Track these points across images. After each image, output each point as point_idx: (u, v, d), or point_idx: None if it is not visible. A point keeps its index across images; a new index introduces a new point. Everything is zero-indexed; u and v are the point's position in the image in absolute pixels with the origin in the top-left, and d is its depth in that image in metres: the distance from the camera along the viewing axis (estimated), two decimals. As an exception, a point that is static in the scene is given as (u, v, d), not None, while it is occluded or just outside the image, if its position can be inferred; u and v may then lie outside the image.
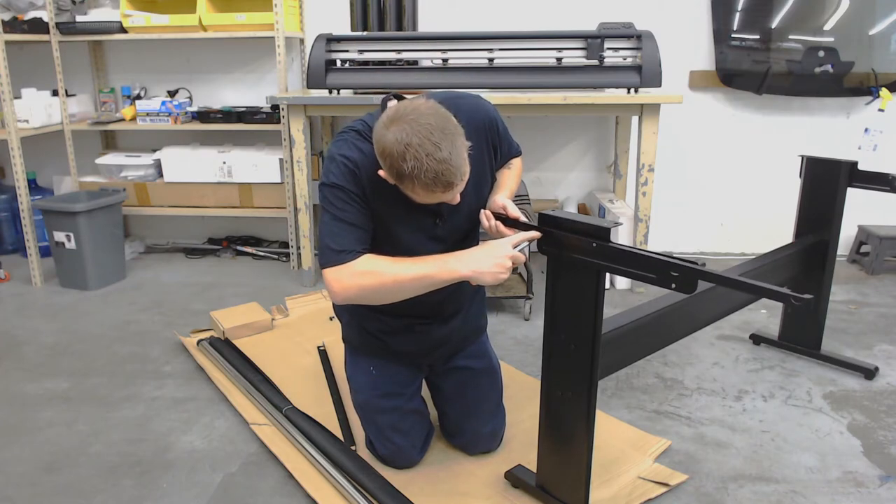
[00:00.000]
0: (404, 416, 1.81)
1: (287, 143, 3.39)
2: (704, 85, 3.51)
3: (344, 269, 1.50)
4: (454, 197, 1.48)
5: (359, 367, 1.85)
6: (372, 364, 1.83)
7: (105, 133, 3.86)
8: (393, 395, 1.80)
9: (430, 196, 1.44)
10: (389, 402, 1.80)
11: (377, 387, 1.81)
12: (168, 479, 1.80)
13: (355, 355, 1.87)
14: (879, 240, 3.37)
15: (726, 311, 1.93)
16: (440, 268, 1.48)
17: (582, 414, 1.52)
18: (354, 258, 1.51)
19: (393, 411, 1.80)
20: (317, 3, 3.59)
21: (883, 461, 1.87)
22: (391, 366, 1.82)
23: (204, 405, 2.18)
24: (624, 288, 3.24)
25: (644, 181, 3.00)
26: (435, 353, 1.84)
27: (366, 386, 1.82)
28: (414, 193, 1.45)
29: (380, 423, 1.80)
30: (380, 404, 1.80)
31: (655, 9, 3.42)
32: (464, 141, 1.42)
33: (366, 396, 1.82)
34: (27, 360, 2.52)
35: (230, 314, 2.69)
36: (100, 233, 3.26)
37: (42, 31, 3.41)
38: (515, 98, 2.91)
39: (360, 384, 1.84)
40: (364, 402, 1.83)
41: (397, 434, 1.79)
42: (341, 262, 1.50)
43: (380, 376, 1.82)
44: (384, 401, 1.80)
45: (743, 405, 2.17)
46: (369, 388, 1.81)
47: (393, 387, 1.81)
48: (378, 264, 1.50)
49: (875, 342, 2.63)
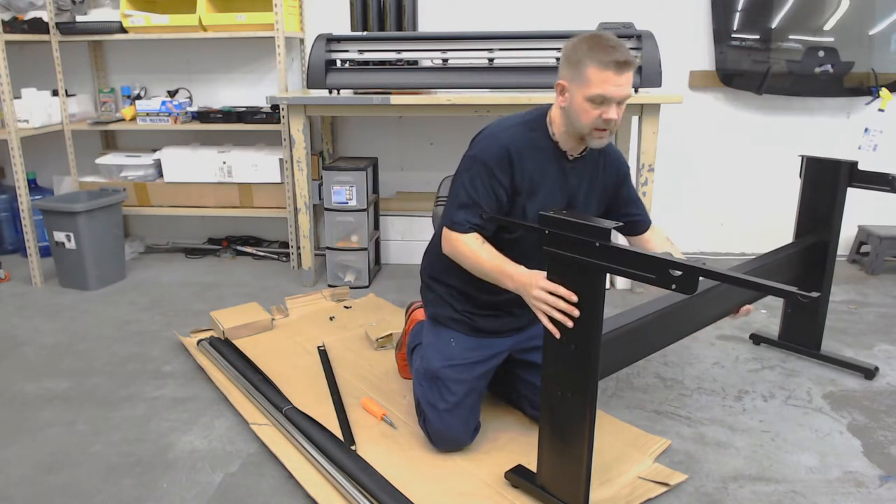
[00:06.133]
0: (468, 394, 1.87)
1: (287, 143, 3.39)
2: (704, 85, 3.51)
3: (453, 234, 1.79)
4: (623, 89, 1.63)
5: (440, 337, 1.96)
6: (453, 336, 1.94)
7: (105, 133, 3.86)
8: (465, 367, 1.88)
9: (602, 78, 1.61)
10: (458, 373, 1.87)
11: (452, 357, 1.90)
12: (168, 479, 1.80)
13: (437, 327, 1.98)
14: (879, 240, 3.37)
15: (726, 311, 1.93)
16: (502, 271, 1.70)
17: (582, 414, 1.52)
18: (465, 232, 1.77)
19: (460, 384, 1.86)
20: (317, 3, 3.59)
21: (883, 461, 1.87)
22: (472, 341, 1.93)
23: (204, 405, 2.18)
24: (624, 288, 3.24)
25: (644, 181, 3.00)
26: (518, 333, 1.96)
27: (440, 356, 1.91)
28: (589, 80, 1.63)
29: (441, 394, 1.85)
30: (449, 374, 1.87)
31: (655, 9, 3.42)
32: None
33: (438, 365, 1.89)
34: (27, 360, 2.52)
35: (230, 314, 2.69)
36: (100, 233, 3.26)
37: (42, 31, 3.41)
38: (515, 98, 2.91)
39: (435, 354, 1.93)
40: (434, 372, 1.89)
41: (454, 410, 1.84)
42: (454, 229, 1.79)
43: (458, 348, 1.91)
44: (453, 371, 1.87)
45: (743, 405, 2.17)
46: (444, 359, 1.90)
47: (466, 361, 1.89)
48: (475, 245, 1.77)
49: (875, 342, 2.63)
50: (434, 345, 1.96)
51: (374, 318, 2.77)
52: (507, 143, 1.75)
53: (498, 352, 1.96)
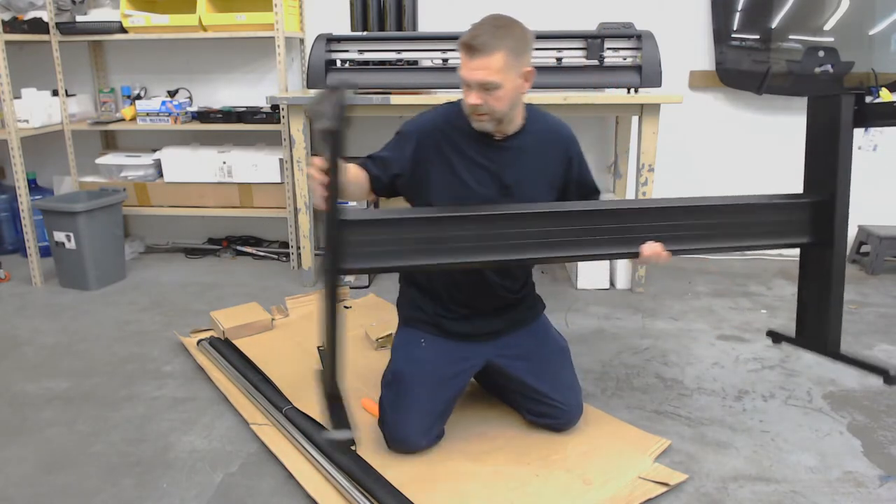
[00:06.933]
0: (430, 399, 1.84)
1: (287, 143, 3.39)
2: (704, 85, 3.51)
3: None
4: (474, 73, 1.63)
5: (410, 338, 1.94)
6: (423, 337, 1.91)
7: (105, 133, 3.86)
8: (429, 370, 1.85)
9: (461, 60, 1.66)
10: (421, 376, 1.84)
11: (418, 359, 1.87)
12: (168, 479, 1.80)
13: (408, 328, 1.97)
14: (879, 240, 3.37)
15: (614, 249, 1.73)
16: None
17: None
18: (360, 163, 1.92)
19: (421, 386, 1.83)
20: (317, 3, 3.59)
21: (883, 461, 1.87)
22: (444, 343, 1.90)
23: (204, 405, 2.18)
24: (624, 288, 3.24)
25: (644, 181, 3.00)
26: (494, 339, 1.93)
27: (405, 357, 1.89)
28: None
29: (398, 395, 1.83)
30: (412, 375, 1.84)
31: (655, 9, 3.42)
32: (510, 43, 1.63)
33: (402, 366, 1.87)
34: (27, 360, 2.52)
35: (230, 314, 2.69)
36: (100, 233, 3.26)
37: (42, 31, 3.41)
38: (515, 98, 2.90)
39: (401, 354, 1.91)
40: (397, 372, 1.87)
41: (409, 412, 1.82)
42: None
43: (427, 350, 1.88)
44: (417, 373, 1.84)
45: (743, 405, 2.17)
46: (409, 360, 1.88)
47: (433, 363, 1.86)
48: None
49: (875, 342, 2.63)
50: (402, 346, 1.95)
51: (374, 318, 2.77)
52: (420, 124, 1.85)
53: (472, 363, 1.93)
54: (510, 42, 1.64)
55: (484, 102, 1.67)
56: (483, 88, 1.65)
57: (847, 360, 1.99)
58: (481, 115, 1.71)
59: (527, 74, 1.72)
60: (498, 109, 1.69)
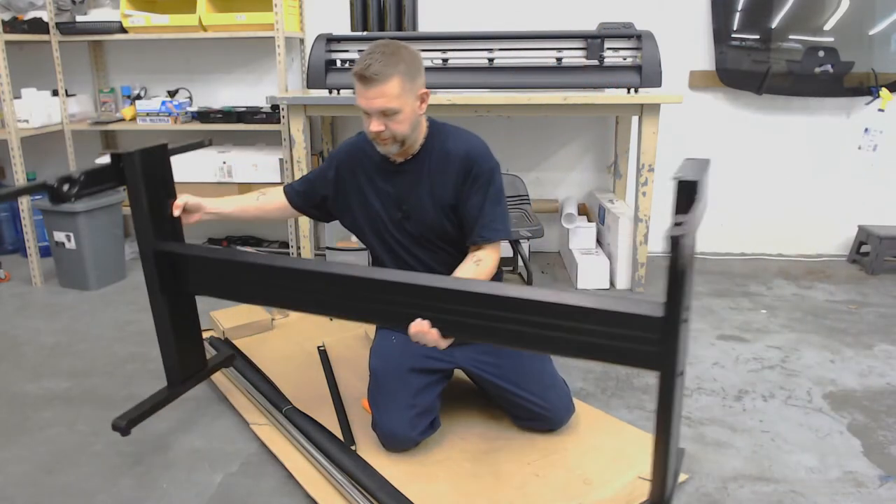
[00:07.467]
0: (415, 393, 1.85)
1: (287, 143, 3.39)
2: (704, 85, 3.52)
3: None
4: (372, 102, 1.68)
5: (383, 336, 1.98)
6: (395, 335, 1.94)
7: (105, 133, 3.86)
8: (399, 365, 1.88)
9: (357, 90, 1.71)
10: (394, 371, 1.87)
11: (389, 356, 1.91)
12: (168, 479, 1.80)
13: (382, 329, 2.01)
14: (879, 240, 3.37)
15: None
16: None
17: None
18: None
19: (396, 381, 1.86)
20: (317, 3, 3.59)
21: (883, 461, 1.87)
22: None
23: (204, 405, 2.18)
24: (624, 288, 3.24)
25: (644, 181, 3.00)
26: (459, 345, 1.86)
27: (379, 355, 1.94)
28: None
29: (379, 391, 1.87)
30: (385, 372, 1.88)
31: (655, 9, 3.43)
32: (403, 68, 1.67)
33: (375, 363, 1.92)
34: (27, 360, 2.52)
35: (230, 314, 2.69)
36: (100, 233, 3.26)
37: (42, 31, 3.41)
38: (515, 98, 2.91)
39: (376, 351, 1.96)
40: (373, 370, 1.92)
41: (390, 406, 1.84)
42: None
43: (397, 346, 1.91)
44: (389, 368, 1.88)
45: (743, 405, 2.17)
46: (381, 357, 1.92)
47: (409, 358, 1.88)
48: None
49: (875, 342, 2.63)
50: (376, 345, 2.00)
51: (374, 318, 2.77)
52: (339, 152, 1.98)
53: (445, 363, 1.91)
54: (403, 67, 1.69)
55: (386, 128, 1.73)
56: (383, 115, 1.71)
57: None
58: (385, 140, 1.77)
59: (422, 96, 1.78)
60: (400, 132, 1.75)
